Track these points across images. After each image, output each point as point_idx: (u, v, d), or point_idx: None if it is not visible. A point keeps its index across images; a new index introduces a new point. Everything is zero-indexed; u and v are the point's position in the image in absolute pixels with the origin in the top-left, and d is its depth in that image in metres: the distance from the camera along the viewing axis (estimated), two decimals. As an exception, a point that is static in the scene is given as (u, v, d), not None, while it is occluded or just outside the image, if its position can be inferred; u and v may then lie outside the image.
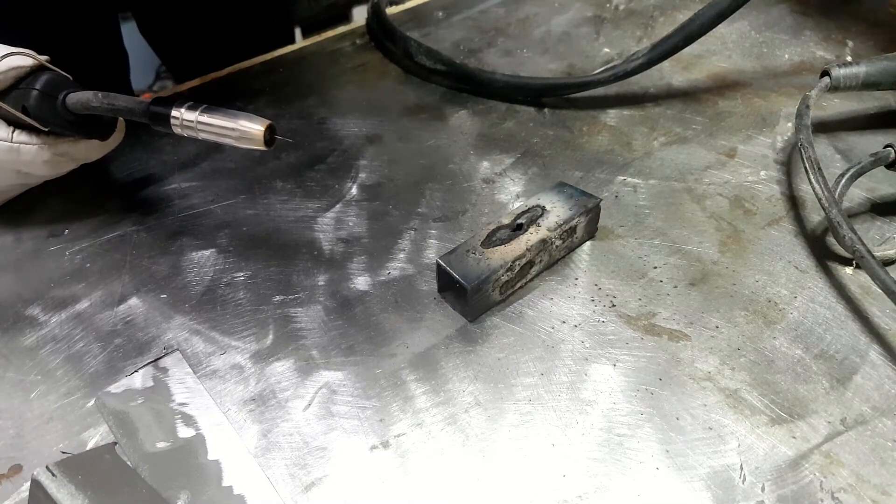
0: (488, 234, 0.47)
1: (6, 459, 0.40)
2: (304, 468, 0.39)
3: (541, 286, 0.49)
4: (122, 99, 0.45)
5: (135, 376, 0.44)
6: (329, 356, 0.45)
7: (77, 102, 0.45)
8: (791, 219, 0.53)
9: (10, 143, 0.47)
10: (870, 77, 0.56)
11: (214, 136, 0.41)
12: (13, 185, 0.52)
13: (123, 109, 0.44)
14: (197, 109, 0.42)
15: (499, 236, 0.47)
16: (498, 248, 0.46)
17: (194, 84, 0.70)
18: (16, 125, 0.47)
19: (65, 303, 0.49)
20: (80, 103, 0.45)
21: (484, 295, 0.46)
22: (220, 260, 0.52)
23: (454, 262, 0.46)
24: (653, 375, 0.43)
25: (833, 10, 0.76)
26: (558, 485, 0.38)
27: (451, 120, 0.64)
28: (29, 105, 0.46)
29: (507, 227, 0.48)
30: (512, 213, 0.49)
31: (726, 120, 0.62)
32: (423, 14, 0.80)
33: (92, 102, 0.45)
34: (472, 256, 0.46)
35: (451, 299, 0.48)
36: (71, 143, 0.48)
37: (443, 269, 0.46)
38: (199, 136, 0.42)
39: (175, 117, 0.42)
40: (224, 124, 0.41)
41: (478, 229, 0.51)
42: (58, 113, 0.46)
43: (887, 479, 0.38)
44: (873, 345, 0.44)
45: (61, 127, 0.47)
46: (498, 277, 0.46)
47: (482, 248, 0.46)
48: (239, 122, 0.41)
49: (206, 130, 0.42)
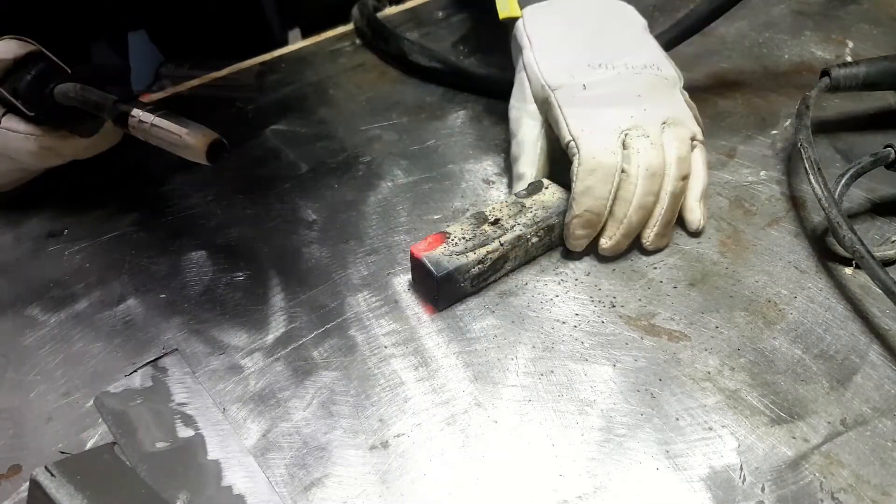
0: (465, 226, 0.48)
1: (5, 459, 0.40)
2: (304, 468, 0.39)
3: (541, 286, 0.49)
4: (95, 93, 0.45)
5: (134, 376, 0.44)
6: (329, 356, 0.45)
7: (60, 92, 0.46)
8: (791, 219, 0.53)
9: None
10: (870, 77, 0.56)
11: (162, 141, 0.41)
12: (11, 169, 0.52)
13: (92, 103, 0.44)
14: (155, 113, 0.41)
15: (477, 231, 0.48)
16: (472, 240, 0.47)
17: (194, 84, 0.70)
18: (8, 109, 0.47)
19: (64, 303, 0.49)
20: (61, 93, 0.46)
21: (454, 285, 0.46)
22: (220, 260, 0.51)
23: (427, 253, 0.46)
24: (652, 376, 0.43)
25: (833, 10, 0.76)
26: (558, 485, 0.38)
27: (450, 120, 0.64)
28: (20, 89, 0.46)
29: (486, 221, 0.48)
30: (492, 207, 0.50)
31: (726, 120, 0.62)
32: (423, 14, 0.79)
33: (69, 93, 0.45)
34: (445, 244, 0.47)
35: (423, 289, 0.48)
36: (58, 139, 0.48)
37: (415, 257, 0.46)
38: (150, 140, 0.41)
39: (133, 117, 0.42)
40: (172, 130, 0.40)
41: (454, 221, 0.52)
42: (45, 102, 0.46)
43: (887, 479, 0.38)
44: (873, 345, 0.44)
45: (47, 116, 0.47)
46: (469, 269, 0.46)
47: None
48: (185, 131, 0.40)
49: (156, 135, 0.41)
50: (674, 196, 0.49)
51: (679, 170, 0.49)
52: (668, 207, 0.49)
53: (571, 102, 0.50)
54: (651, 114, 0.50)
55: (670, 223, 0.50)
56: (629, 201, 0.48)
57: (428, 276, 0.46)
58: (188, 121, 0.40)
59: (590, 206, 0.47)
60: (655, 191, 0.48)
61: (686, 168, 0.49)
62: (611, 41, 0.54)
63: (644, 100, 0.50)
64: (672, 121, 0.50)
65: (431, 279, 0.45)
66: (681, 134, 0.50)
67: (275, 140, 0.63)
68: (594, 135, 0.48)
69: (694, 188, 0.51)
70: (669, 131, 0.50)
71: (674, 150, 0.49)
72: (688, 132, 0.50)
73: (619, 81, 0.51)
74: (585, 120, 0.49)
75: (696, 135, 0.51)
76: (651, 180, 0.48)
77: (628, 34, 0.56)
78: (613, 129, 0.48)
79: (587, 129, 0.48)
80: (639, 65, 0.52)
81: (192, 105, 0.67)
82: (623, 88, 0.51)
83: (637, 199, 0.47)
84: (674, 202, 0.49)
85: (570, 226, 0.48)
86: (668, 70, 0.53)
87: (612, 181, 0.47)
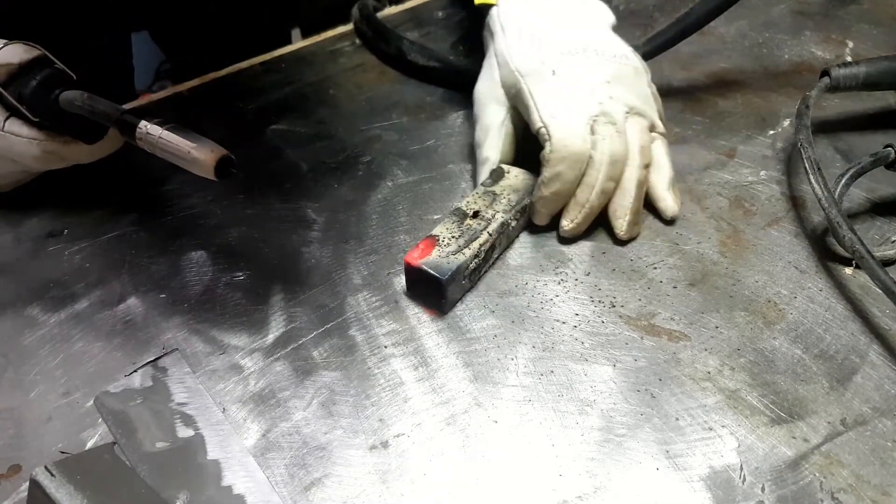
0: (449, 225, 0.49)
1: (5, 459, 0.40)
2: (304, 468, 0.39)
3: (541, 286, 0.49)
4: (103, 103, 0.44)
5: (134, 376, 0.44)
6: (329, 356, 0.45)
7: (65, 100, 0.46)
8: (791, 219, 0.53)
9: (1, 132, 0.47)
10: (870, 77, 0.56)
11: (169, 155, 0.41)
12: (12, 171, 0.52)
13: (100, 113, 0.44)
14: (163, 126, 0.41)
15: (462, 228, 0.48)
16: (461, 237, 0.48)
17: (194, 84, 0.70)
18: (12, 113, 0.47)
19: (64, 303, 0.49)
20: (67, 101, 0.46)
21: (457, 285, 0.47)
22: (220, 259, 0.51)
23: (424, 259, 0.46)
24: (652, 376, 0.43)
25: (833, 10, 0.76)
26: (557, 485, 0.38)
27: (450, 120, 0.64)
28: (25, 94, 0.46)
29: (466, 216, 0.49)
30: (466, 202, 0.50)
31: (726, 120, 0.62)
32: (423, 14, 0.79)
33: (76, 101, 0.45)
34: (437, 248, 0.47)
35: (423, 295, 0.48)
36: (61, 144, 0.48)
37: (412, 266, 0.46)
38: (157, 153, 0.41)
39: (140, 129, 0.41)
40: (179, 145, 0.40)
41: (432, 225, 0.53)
42: (50, 107, 0.46)
43: (887, 479, 0.38)
44: (873, 345, 0.44)
45: (51, 122, 0.47)
46: (468, 266, 0.47)
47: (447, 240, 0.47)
48: (193, 146, 0.39)
49: (163, 148, 0.41)
50: (639, 184, 0.50)
51: (642, 158, 0.51)
52: (636, 196, 0.50)
53: (542, 89, 0.51)
54: (617, 101, 0.51)
55: (639, 211, 0.52)
56: (592, 186, 0.49)
57: (431, 282, 0.46)
58: (196, 135, 0.40)
59: (557, 190, 0.49)
60: (617, 176, 0.50)
61: (648, 157, 0.51)
62: (581, 33, 0.56)
63: (612, 86, 0.52)
64: (636, 110, 0.52)
65: (436, 284, 0.45)
66: (643, 124, 0.52)
67: (275, 140, 0.63)
68: (565, 121, 0.49)
69: (662, 178, 0.53)
70: (633, 120, 0.51)
71: (636, 139, 0.51)
72: (648, 122, 0.52)
73: (589, 68, 0.53)
74: (556, 106, 0.50)
75: (657, 126, 0.53)
76: (613, 167, 0.49)
77: (599, 27, 0.58)
78: (583, 116, 0.50)
79: (558, 116, 0.50)
80: (608, 53, 0.54)
81: (192, 105, 0.67)
82: (592, 74, 0.52)
83: (599, 185, 0.49)
84: (639, 190, 0.51)
85: (537, 205, 0.50)
86: (635, 61, 0.55)
87: (580, 167, 0.49)
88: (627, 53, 0.55)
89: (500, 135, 0.54)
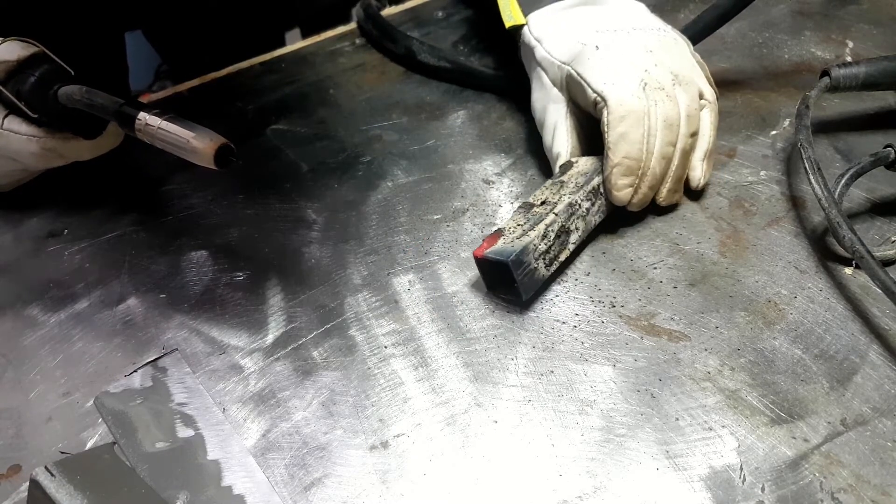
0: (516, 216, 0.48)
1: (5, 459, 0.40)
2: (304, 468, 0.39)
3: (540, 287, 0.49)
4: (101, 96, 0.44)
5: (134, 376, 0.44)
6: (329, 356, 0.45)
7: (64, 95, 0.46)
8: (791, 219, 0.53)
9: (0, 129, 0.47)
10: (870, 77, 0.56)
11: (169, 145, 0.40)
12: (12, 170, 0.52)
13: (98, 106, 0.44)
14: (162, 117, 0.41)
15: (528, 215, 0.48)
16: (526, 223, 0.47)
17: (194, 84, 0.70)
18: (11, 110, 0.47)
19: (64, 303, 0.49)
20: (66, 96, 0.46)
21: (527, 268, 0.45)
22: (220, 260, 0.51)
23: (490, 248, 0.45)
24: (652, 376, 0.43)
25: (833, 10, 0.76)
26: (557, 485, 0.38)
27: (450, 120, 0.64)
28: (23, 90, 0.46)
29: (533, 206, 0.48)
30: (534, 195, 0.50)
31: (726, 120, 0.62)
32: (423, 14, 0.79)
33: (74, 96, 0.45)
34: (503, 238, 0.46)
35: (503, 288, 0.47)
36: (60, 141, 0.48)
37: (480, 259, 0.46)
38: (157, 143, 0.41)
39: (139, 120, 0.41)
40: (179, 134, 0.40)
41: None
42: (49, 104, 0.46)
43: (887, 479, 0.38)
44: (873, 345, 0.44)
45: (50, 118, 0.47)
46: (536, 247, 0.46)
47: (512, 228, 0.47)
48: (192, 135, 0.39)
49: (163, 139, 0.41)
50: (684, 152, 0.50)
51: (689, 126, 0.50)
52: (679, 163, 0.50)
53: (590, 65, 0.51)
54: (662, 67, 0.51)
55: (681, 178, 0.52)
56: (651, 152, 0.49)
57: (499, 267, 0.45)
58: (195, 125, 0.40)
59: (627, 153, 0.48)
60: (673, 141, 0.50)
61: (694, 125, 0.51)
62: (617, 17, 0.56)
63: (655, 55, 0.52)
64: (682, 77, 0.51)
65: (503, 268, 0.45)
66: (690, 91, 0.51)
67: (275, 140, 0.63)
68: (618, 84, 0.49)
69: (699, 147, 0.52)
70: (679, 87, 0.51)
71: (683, 106, 0.50)
72: (696, 89, 0.52)
73: (630, 39, 0.53)
74: (607, 74, 0.50)
75: (705, 94, 0.53)
76: (669, 130, 0.49)
77: (634, 11, 0.58)
78: (635, 78, 0.50)
79: (610, 81, 0.49)
80: (647, 27, 0.54)
81: (192, 105, 0.67)
82: (635, 45, 0.52)
83: (658, 150, 0.49)
84: (684, 158, 0.51)
85: (612, 176, 0.49)
86: (674, 34, 0.55)
87: (643, 125, 0.48)
88: (665, 28, 0.55)
89: (564, 129, 0.54)
